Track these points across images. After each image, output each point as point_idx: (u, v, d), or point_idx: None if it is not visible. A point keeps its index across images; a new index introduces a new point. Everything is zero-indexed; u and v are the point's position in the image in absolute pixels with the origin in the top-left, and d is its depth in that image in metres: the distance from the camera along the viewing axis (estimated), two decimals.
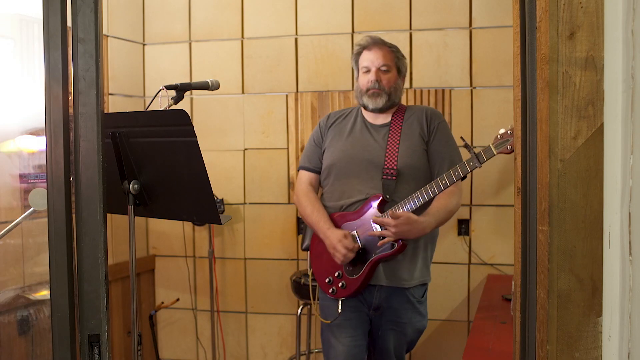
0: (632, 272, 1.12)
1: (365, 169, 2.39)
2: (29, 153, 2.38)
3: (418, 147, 2.39)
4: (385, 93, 2.40)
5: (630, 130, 1.12)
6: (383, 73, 2.41)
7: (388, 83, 2.41)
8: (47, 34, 1.08)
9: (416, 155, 2.38)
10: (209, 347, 3.54)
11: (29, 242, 2.43)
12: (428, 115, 2.45)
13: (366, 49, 2.44)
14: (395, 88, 2.44)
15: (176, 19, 3.51)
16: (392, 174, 2.34)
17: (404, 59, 2.49)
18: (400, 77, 2.47)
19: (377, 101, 2.41)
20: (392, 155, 2.38)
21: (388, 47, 2.45)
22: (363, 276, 2.33)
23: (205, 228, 3.47)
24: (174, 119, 1.78)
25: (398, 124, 2.45)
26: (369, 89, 2.41)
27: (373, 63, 2.41)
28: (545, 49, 1.15)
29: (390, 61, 2.43)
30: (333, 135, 2.52)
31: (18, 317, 2.44)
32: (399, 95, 2.47)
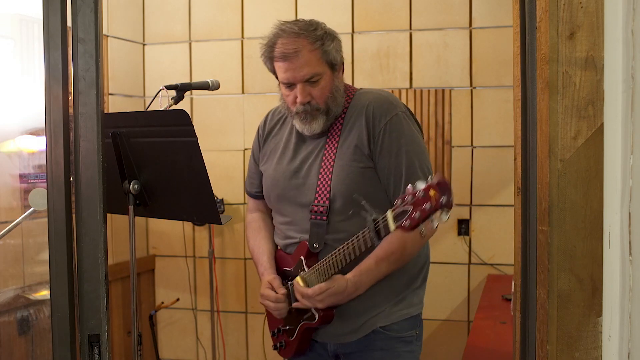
0: (632, 272, 1.12)
1: (295, 206, 1.83)
2: (29, 153, 2.38)
3: (354, 167, 1.73)
4: (322, 111, 1.74)
5: (630, 130, 1.12)
6: (312, 85, 1.72)
7: (322, 95, 1.73)
8: (47, 34, 1.08)
9: (351, 178, 1.73)
10: (209, 347, 3.54)
11: (29, 242, 2.43)
12: (370, 113, 1.74)
13: (279, 60, 1.72)
14: (332, 96, 1.75)
15: (176, 19, 3.51)
16: (322, 212, 1.74)
17: (332, 42, 1.73)
18: (335, 71, 1.76)
19: (312, 125, 1.75)
20: (324, 184, 1.76)
21: (309, 40, 1.69)
22: (296, 342, 1.87)
23: (205, 228, 3.47)
24: (174, 119, 1.78)
25: (336, 132, 1.78)
26: (298, 112, 1.76)
27: (295, 78, 1.71)
28: (545, 49, 1.15)
29: (317, 65, 1.70)
30: (269, 152, 1.95)
31: (18, 317, 2.44)
32: (339, 100, 1.77)
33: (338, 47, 1.77)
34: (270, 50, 1.75)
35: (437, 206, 1.35)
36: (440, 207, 1.35)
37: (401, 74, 3.23)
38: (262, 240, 1.97)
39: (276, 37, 1.73)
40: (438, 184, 1.36)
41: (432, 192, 1.36)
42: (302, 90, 1.73)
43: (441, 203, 1.35)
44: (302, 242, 1.80)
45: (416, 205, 1.39)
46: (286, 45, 1.71)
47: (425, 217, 1.37)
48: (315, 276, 1.74)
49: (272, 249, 1.95)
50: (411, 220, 1.39)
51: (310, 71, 1.70)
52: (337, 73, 1.77)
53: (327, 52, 1.72)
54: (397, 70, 3.23)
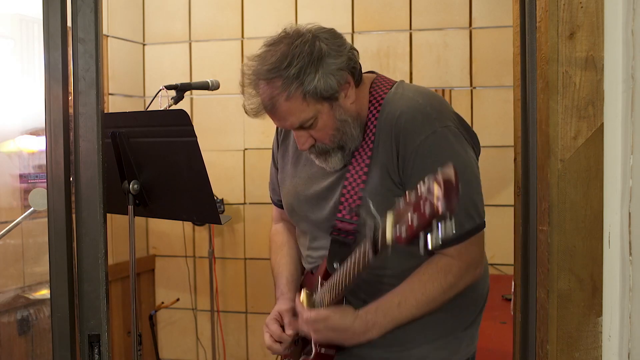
0: (632, 272, 1.12)
1: (315, 228, 1.52)
2: (29, 153, 2.38)
3: (384, 191, 1.39)
4: (333, 149, 1.41)
5: (630, 130, 1.12)
6: (308, 129, 1.39)
7: (325, 136, 1.39)
8: (47, 34, 1.08)
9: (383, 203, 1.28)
10: (209, 347, 3.54)
11: (29, 242, 2.43)
12: (400, 128, 1.36)
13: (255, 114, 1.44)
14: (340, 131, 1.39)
15: (176, 18, 3.51)
16: (349, 232, 1.41)
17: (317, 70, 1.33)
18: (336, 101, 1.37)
19: (329, 164, 1.44)
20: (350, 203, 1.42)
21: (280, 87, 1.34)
22: None
23: (205, 228, 3.47)
24: (174, 119, 1.78)
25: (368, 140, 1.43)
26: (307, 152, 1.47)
27: (285, 128, 1.50)
28: (545, 49, 1.15)
29: (303, 110, 1.35)
30: (282, 154, 1.64)
31: (18, 317, 2.44)
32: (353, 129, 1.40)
33: (331, 69, 1.34)
34: (246, 102, 1.44)
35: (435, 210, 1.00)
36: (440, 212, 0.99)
37: (401, 74, 3.23)
38: (283, 258, 1.65)
39: (243, 87, 1.44)
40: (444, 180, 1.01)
41: (436, 189, 1.01)
42: (298, 137, 1.40)
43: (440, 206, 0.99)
44: (324, 260, 1.48)
45: (416, 206, 1.03)
46: (252, 101, 1.41)
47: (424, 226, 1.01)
48: (327, 298, 1.42)
49: (292, 269, 1.63)
50: (408, 229, 1.04)
51: (295, 120, 1.36)
52: (338, 102, 1.37)
53: (311, 90, 1.32)
54: (397, 71, 3.23)
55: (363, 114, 1.44)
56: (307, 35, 1.36)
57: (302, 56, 1.33)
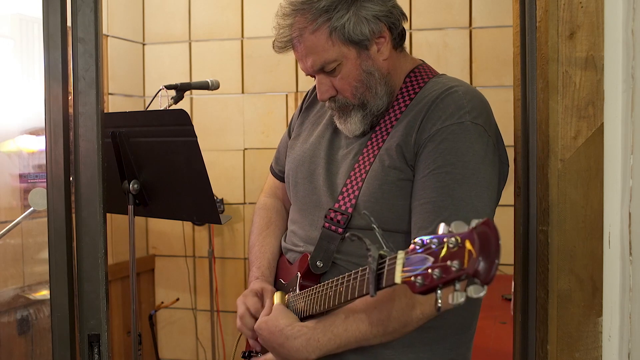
0: (632, 272, 1.12)
1: (311, 205, 1.40)
2: (28, 153, 2.38)
3: (390, 176, 1.27)
4: (354, 107, 1.31)
5: (630, 130, 1.12)
6: (332, 75, 1.30)
7: (346, 87, 1.29)
8: (47, 33, 1.08)
9: (384, 190, 1.26)
10: (208, 347, 3.54)
11: (29, 242, 2.43)
12: (428, 109, 1.26)
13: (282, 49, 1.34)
14: (364, 85, 1.29)
15: (176, 18, 3.51)
16: (339, 221, 1.29)
17: (349, 10, 1.25)
18: (365, 50, 1.28)
19: (348, 125, 1.34)
20: (353, 186, 1.31)
21: (307, 19, 1.26)
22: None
23: (205, 228, 3.47)
24: (173, 118, 1.78)
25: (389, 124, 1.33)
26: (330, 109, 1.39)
27: (305, 69, 1.33)
28: (545, 48, 1.15)
29: (327, 49, 1.26)
30: (301, 121, 1.53)
31: (18, 317, 2.44)
32: (379, 87, 1.30)
33: (366, 12, 1.25)
34: (276, 36, 1.34)
35: (468, 271, 0.83)
36: (473, 275, 0.83)
37: None
38: (268, 237, 1.52)
39: (276, 22, 1.34)
40: (481, 236, 0.85)
41: (469, 246, 0.84)
42: (319, 85, 1.31)
43: (476, 269, 0.83)
44: (304, 255, 1.35)
45: (440, 258, 0.87)
46: (282, 32, 1.31)
47: (448, 282, 0.86)
48: (304, 304, 1.30)
49: (277, 253, 1.51)
50: (425, 279, 0.89)
51: (317, 60, 1.27)
52: (368, 52, 1.27)
53: (339, 28, 1.24)
54: None
55: (394, 82, 1.33)
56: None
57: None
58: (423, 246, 0.91)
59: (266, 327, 1.28)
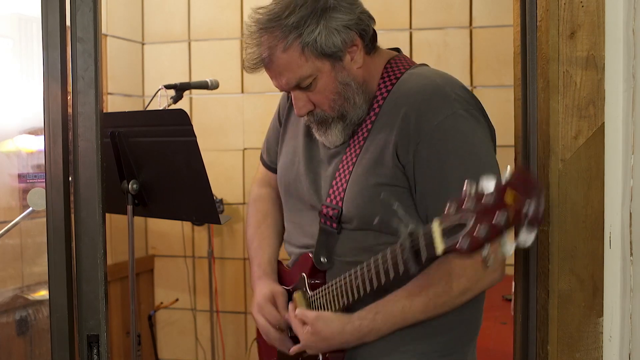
0: (633, 272, 1.12)
1: (307, 205, 1.40)
2: (27, 153, 2.38)
3: (369, 182, 1.26)
4: (333, 119, 1.30)
5: (631, 129, 1.11)
6: (307, 90, 1.28)
7: (324, 100, 1.28)
8: (46, 33, 1.08)
9: (364, 196, 1.27)
10: (208, 347, 3.53)
11: (28, 242, 2.43)
12: (410, 110, 1.24)
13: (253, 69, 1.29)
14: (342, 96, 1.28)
15: (175, 18, 3.51)
16: (332, 217, 1.30)
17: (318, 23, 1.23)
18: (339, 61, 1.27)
19: (329, 137, 1.33)
20: (339, 186, 1.31)
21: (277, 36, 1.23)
22: None
23: (204, 228, 3.47)
24: (173, 118, 1.78)
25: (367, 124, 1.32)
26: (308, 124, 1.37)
27: (280, 86, 1.30)
28: (545, 48, 1.15)
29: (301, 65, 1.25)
30: (288, 123, 1.50)
31: (17, 317, 2.43)
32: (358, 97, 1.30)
33: (336, 24, 1.24)
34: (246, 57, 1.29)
35: (518, 218, 0.83)
36: (524, 221, 0.83)
37: None
38: (266, 230, 1.50)
39: (245, 38, 1.29)
40: (521, 182, 0.84)
41: (510, 196, 0.84)
42: (296, 101, 1.30)
43: (526, 214, 0.83)
44: (304, 255, 1.35)
45: (481, 215, 0.87)
46: (251, 52, 1.27)
47: (496, 235, 0.86)
48: (325, 301, 1.29)
49: (276, 246, 1.50)
50: (471, 239, 0.88)
51: (292, 77, 1.25)
52: (341, 63, 1.27)
53: (311, 42, 1.22)
54: None
55: (371, 86, 1.33)
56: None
57: (305, 6, 1.23)
58: (458, 210, 0.90)
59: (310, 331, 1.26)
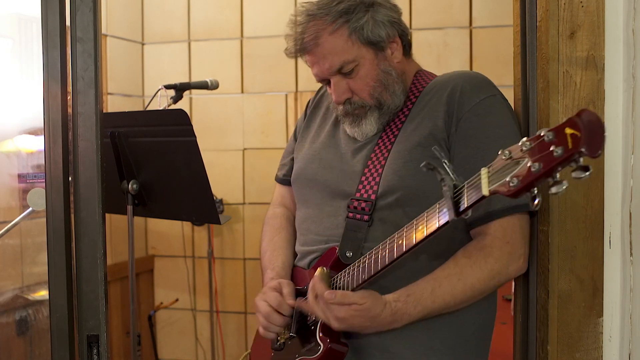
0: (633, 272, 1.12)
1: (329, 197, 1.39)
2: (27, 153, 2.38)
3: (417, 154, 1.29)
4: (371, 108, 1.34)
5: (631, 129, 1.11)
6: (348, 77, 1.33)
7: (364, 88, 1.33)
8: (46, 33, 1.08)
9: (409, 168, 1.28)
10: (208, 347, 3.53)
11: (28, 242, 2.43)
12: (456, 89, 1.30)
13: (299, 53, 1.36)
14: (381, 84, 1.33)
15: (175, 18, 3.50)
16: (364, 208, 1.31)
17: (367, 12, 1.31)
18: (381, 51, 1.33)
19: (363, 127, 1.36)
20: (373, 172, 1.33)
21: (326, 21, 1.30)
22: None
23: (204, 228, 3.46)
24: (173, 118, 1.78)
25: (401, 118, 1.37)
26: (343, 114, 1.39)
27: (322, 72, 1.34)
28: (545, 48, 1.15)
29: (346, 50, 1.30)
30: (311, 128, 1.54)
31: (17, 317, 2.43)
32: (395, 86, 1.35)
33: (381, 17, 1.32)
34: (289, 43, 1.37)
35: (576, 147, 0.81)
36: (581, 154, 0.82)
37: None
38: (280, 242, 1.52)
39: (291, 25, 1.37)
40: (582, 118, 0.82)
41: (569, 130, 0.82)
42: (335, 87, 1.33)
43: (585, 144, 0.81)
44: (331, 249, 1.33)
45: (536, 151, 0.86)
46: (296, 38, 1.35)
47: (550, 171, 0.84)
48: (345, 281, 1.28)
49: (290, 255, 1.49)
50: (523, 175, 0.86)
51: (336, 61, 1.30)
52: (384, 53, 1.33)
53: (358, 28, 1.29)
54: None
55: (406, 82, 1.40)
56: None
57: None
58: (510, 155, 0.90)
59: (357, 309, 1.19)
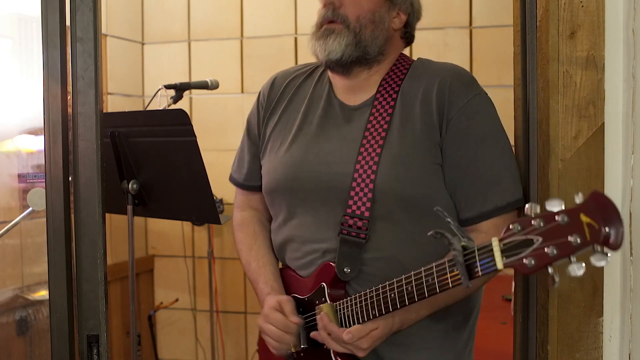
0: (633, 272, 1.12)
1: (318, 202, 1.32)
2: (27, 153, 2.38)
3: (416, 161, 1.25)
4: (348, 29, 1.28)
5: (631, 129, 1.11)
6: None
7: (354, 8, 1.28)
8: (46, 33, 1.08)
9: (413, 176, 1.25)
10: (208, 347, 3.53)
11: (28, 242, 2.43)
12: (445, 85, 1.26)
13: None
14: (369, 19, 1.29)
15: (175, 18, 3.50)
16: (360, 226, 1.25)
17: None
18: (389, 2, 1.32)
19: (329, 43, 1.28)
20: (364, 180, 1.26)
21: None
22: None
23: (204, 228, 3.46)
24: (173, 118, 1.78)
25: (387, 102, 1.29)
26: (317, 25, 1.33)
27: None
28: (545, 48, 1.15)
29: None
30: (278, 128, 1.43)
31: (17, 317, 2.43)
32: (380, 38, 1.30)
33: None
34: None
35: (595, 239, 0.85)
36: (603, 244, 0.85)
37: None
38: (261, 249, 1.45)
39: None
40: (597, 205, 0.85)
41: (585, 219, 0.85)
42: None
43: (604, 237, 0.84)
44: (325, 264, 1.30)
45: (551, 234, 0.88)
46: None
47: (565, 255, 0.88)
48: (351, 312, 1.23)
49: (274, 261, 1.45)
50: (539, 257, 0.89)
51: None
52: (388, 7, 1.32)
53: None
54: None
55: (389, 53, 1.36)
56: None
57: None
58: (523, 228, 0.92)
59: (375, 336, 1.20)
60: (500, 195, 1.24)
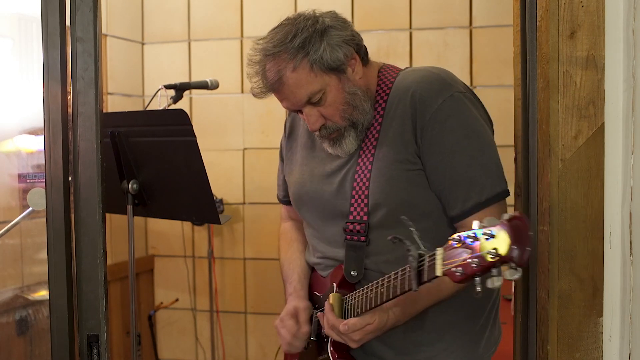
0: (633, 272, 1.12)
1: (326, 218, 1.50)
2: (27, 153, 2.38)
3: (395, 170, 1.37)
4: (346, 128, 1.40)
5: (631, 129, 1.11)
6: (318, 105, 1.38)
7: (335, 112, 1.38)
8: (46, 33, 1.08)
9: (392, 185, 1.37)
10: (208, 347, 3.53)
11: (28, 242, 2.43)
12: (416, 97, 1.35)
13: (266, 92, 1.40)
14: (350, 106, 1.38)
15: (175, 18, 3.51)
16: (359, 230, 1.40)
17: (322, 41, 1.35)
18: (343, 74, 1.38)
19: (344, 147, 1.42)
20: (361, 194, 1.41)
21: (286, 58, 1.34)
22: None
23: (204, 228, 3.46)
24: (173, 118, 1.78)
25: (375, 120, 1.42)
26: (320, 137, 1.45)
27: (293, 105, 1.40)
28: (545, 48, 1.15)
29: (311, 81, 1.34)
30: (290, 146, 1.64)
31: (17, 317, 2.43)
32: (363, 104, 1.40)
33: (336, 40, 1.35)
34: (253, 83, 1.40)
35: (504, 259, 0.97)
36: (508, 261, 0.97)
37: None
38: (294, 254, 1.64)
39: (250, 67, 1.39)
40: (512, 228, 0.97)
41: (504, 237, 0.97)
42: (308, 117, 1.39)
43: (510, 256, 0.96)
44: (338, 266, 1.46)
45: (476, 250, 1.01)
46: (258, 79, 1.38)
47: (484, 271, 1.00)
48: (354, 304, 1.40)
49: (304, 266, 1.62)
50: (464, 269, 1.02)
51: (303, 94, 1.35)
52: (346, 75, 1.38)
53: (318, 59, 1.33)
54: None
55: (372, 92, 1.44)
56: (310, 14, 1.41)
57: (306, 29, 1.36)
58: (460, 242, 1.05)
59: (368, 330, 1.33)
60: (479, 192, 1.34)
